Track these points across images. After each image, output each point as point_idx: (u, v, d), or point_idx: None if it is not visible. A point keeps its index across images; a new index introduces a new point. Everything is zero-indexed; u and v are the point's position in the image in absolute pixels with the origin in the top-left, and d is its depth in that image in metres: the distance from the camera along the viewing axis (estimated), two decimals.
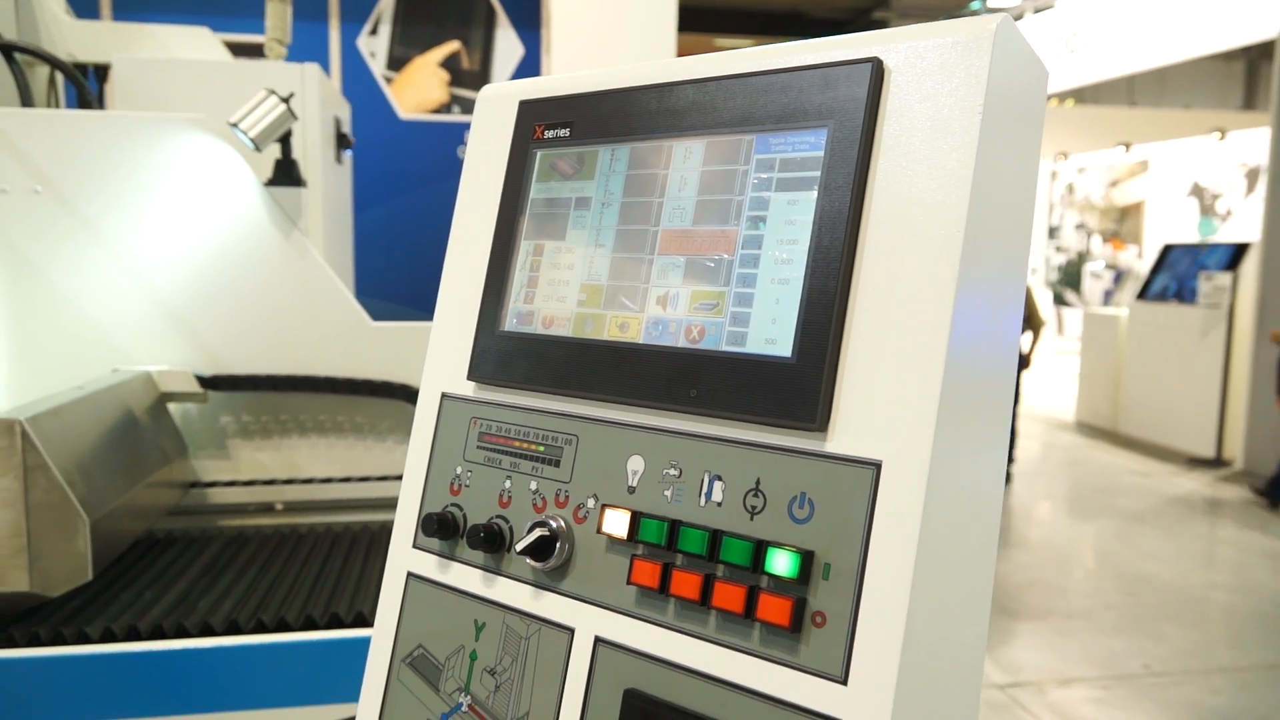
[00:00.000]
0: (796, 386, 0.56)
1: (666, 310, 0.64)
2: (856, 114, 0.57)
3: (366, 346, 1.98)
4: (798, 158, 0.59)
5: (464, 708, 0.69)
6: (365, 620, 1.36)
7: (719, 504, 0.59)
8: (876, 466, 0.53)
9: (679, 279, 0.64)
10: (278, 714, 1.32)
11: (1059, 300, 15.23)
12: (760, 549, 0.56)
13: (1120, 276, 13.72)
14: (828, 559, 0.54)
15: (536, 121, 0.73)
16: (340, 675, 1.30)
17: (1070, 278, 15.25)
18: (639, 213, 0.67)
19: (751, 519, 0.58)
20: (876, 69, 0.57)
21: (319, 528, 1.88)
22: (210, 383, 1.91)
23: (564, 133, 0.71)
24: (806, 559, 0.55)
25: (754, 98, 0.62)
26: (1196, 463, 7.55)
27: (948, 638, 0.56)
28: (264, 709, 1.32)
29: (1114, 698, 3.80)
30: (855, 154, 0.56)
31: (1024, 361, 8.88)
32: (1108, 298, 13.76)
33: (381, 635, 0.76)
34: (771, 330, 0.59)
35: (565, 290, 0.70)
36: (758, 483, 0.58)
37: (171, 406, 1.92)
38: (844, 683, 0.53)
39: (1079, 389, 9.22)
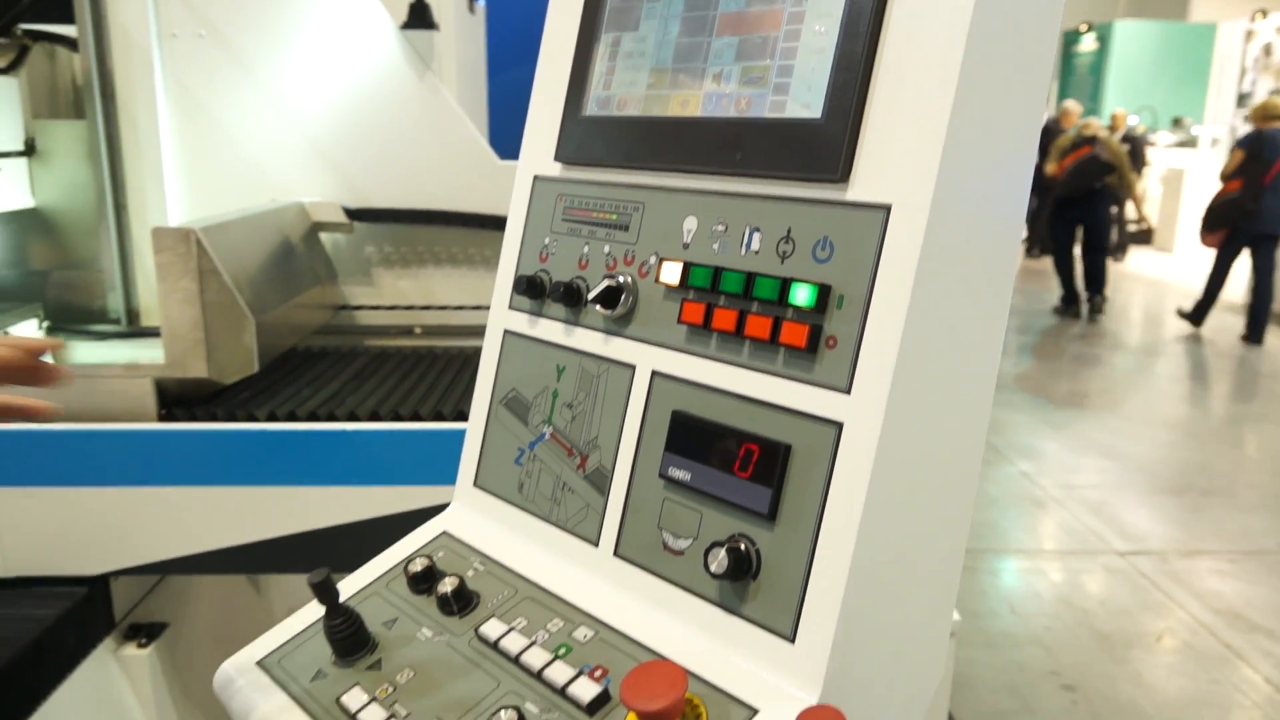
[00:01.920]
0: (824, 144, 0.64)
1: (720, 86, 0.72)
2: None
3: (495, 183, 2.11)
4: None
5: (547, 436, 0.82)
6: None
7: (756, 252, 0.68)
8: (887, 209, 0.61)
9: (732, 57, 0.71)
10: (409, 490, 1.51)
11: None
12: (785, 285, 0.65)
13: None
14: (842, 291, 0.63)
15: None
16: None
17: None
18: (700, 0, 0.74)
19: (782, 262, 0.66)
20: None
21: (452, 350, 2.07)
22: (355, 214, 2.09)
23: None
24: (824, 292, 0.63)
25: None
26: None
27: (943, 368, 0.64)
28: (397, 485, 1.52)
29: (1240, 571, 3.74)
30: None
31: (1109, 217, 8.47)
32: None
33: (483, 384, 0.90)
34: (806, 96, 0.66)
35: (637, 75, 0.78)
36: (788, 231, 0.66)
37: (323, 236, 2.12)
38: (847, 392, 0.62)
39: None
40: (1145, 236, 12.50)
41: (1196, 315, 7.87)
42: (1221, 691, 2.93)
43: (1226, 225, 7.37)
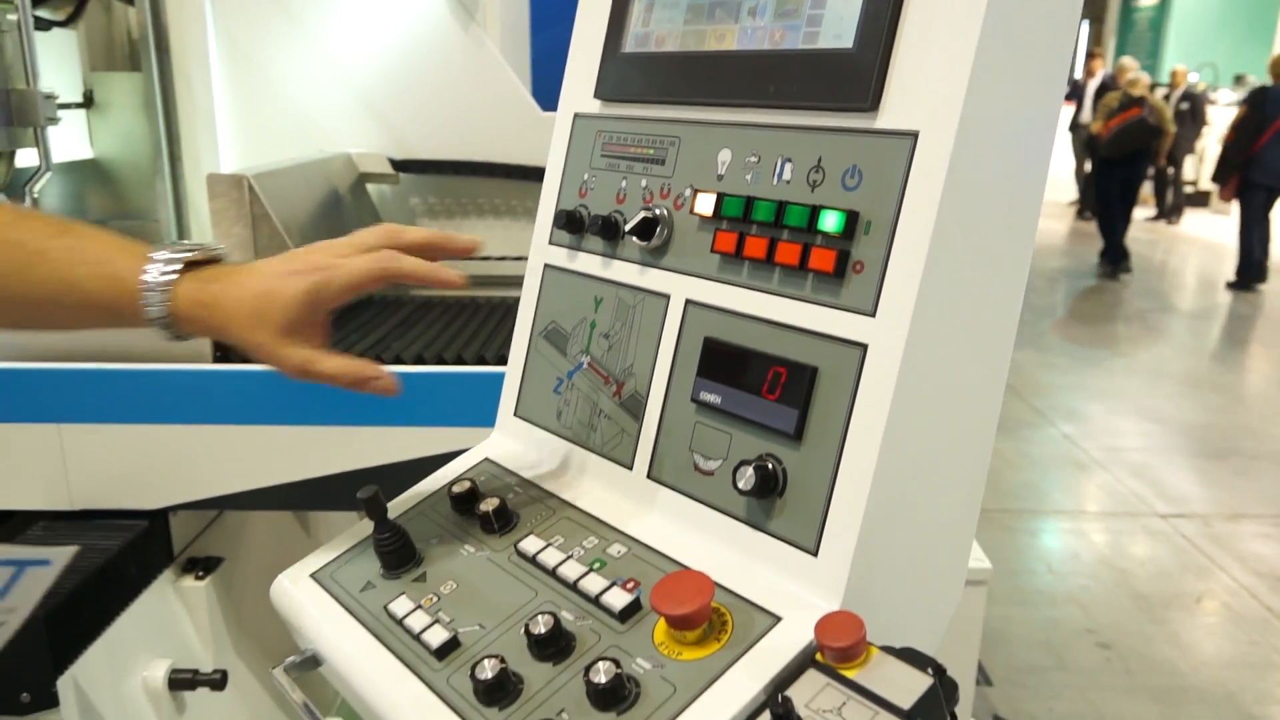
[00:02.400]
0: (855, 74, 0.66)
1: (755, 20, 0.73)
2: None
3: (538, 135, 2.13)
4: None
5: (584, 365, 0.85)
6: None
7: (788, 182, 0.70)
8: (914, 136, 0.63)
9: None
10: (451, 431, 1.56)
11: None
12: (815, 212, 0.67)
13: None
14: (869, 217, 0.65)
15: None
16: None
17: None
18: None
19: (812, 191, 0.68)
20: None
21: (495, 299, 2.11)
22: (400, 165, 2.13)
23: None
24: (851, 218, 0.65)
25: None
26: None
27: (966, 296, 0.66)
28: (441, 426, 1.57)
29: None
30: None
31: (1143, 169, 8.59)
32: None
33: (524, 317, 0.93)
34: (838, 27, 0.67)
35: (675, 12, 0.80)
36: (819, 160, 0.68)
37: (369, 187, 2.16)
38: (873, 315, 0.64)
39: None
40: (1202, 199, 12.19)
41: (1241, 279, 7.98)
42: (1260, 653, 2.92)
43: (1233, 174, 7.88)
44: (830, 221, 0.66)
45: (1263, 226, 7.97)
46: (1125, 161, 8.23)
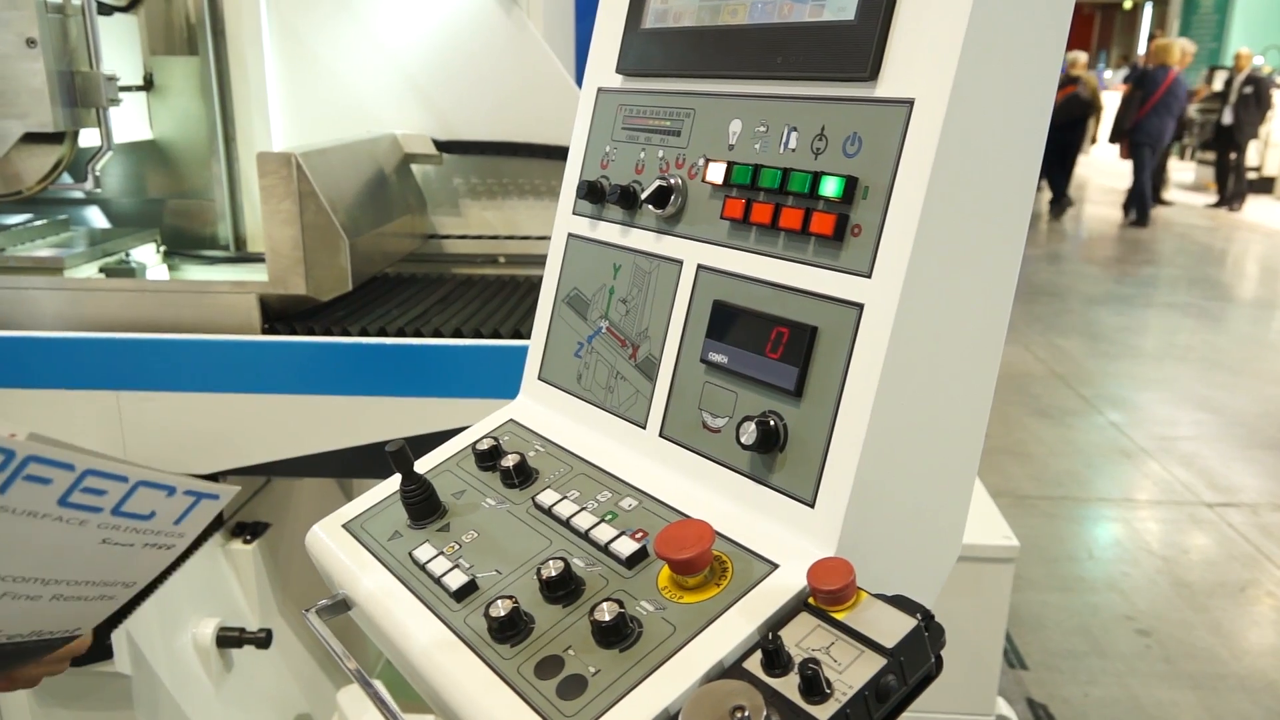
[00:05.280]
0: (855, 44, 0.68)
1: None
2: None
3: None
4: None
5: (603, 330, 0.89)
6: None
7: (793, 150, 0.73)
8: (910, 103, 0.65)
9: None
10: (488, 403, 1.60)
11: None
12: (816, 178, 0.70)
13: None
14: (867, 183, 0.67)
15: None
16: None
17: None
18: None
19: (815, 158, 0.71)
20: None
21: (534, 278, 2.16)
22: (444, 146, 2.18)
23: None
24: (850, 183, 0.68)
25: None
26: None
27: (960, 259, 0.68)
28: (478, 398, 1.62)
29: None
30: None
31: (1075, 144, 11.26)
32: None
33: (548, 285, 0.97)
34: (842, 0, 0.70)
35: None
36: (822, 129, 0.71)
37: (414, 167, 2.22)
38: (869, 276, 0.67)
39: None
40: (1266, 185, 11.84)
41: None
42: None
43: (1120, 138, 10.97)
44: (830, 187, 0.69)
45: None
46: (1063, 128, 10.43)
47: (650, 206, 0.83)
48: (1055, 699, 2.57)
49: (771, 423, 0.71)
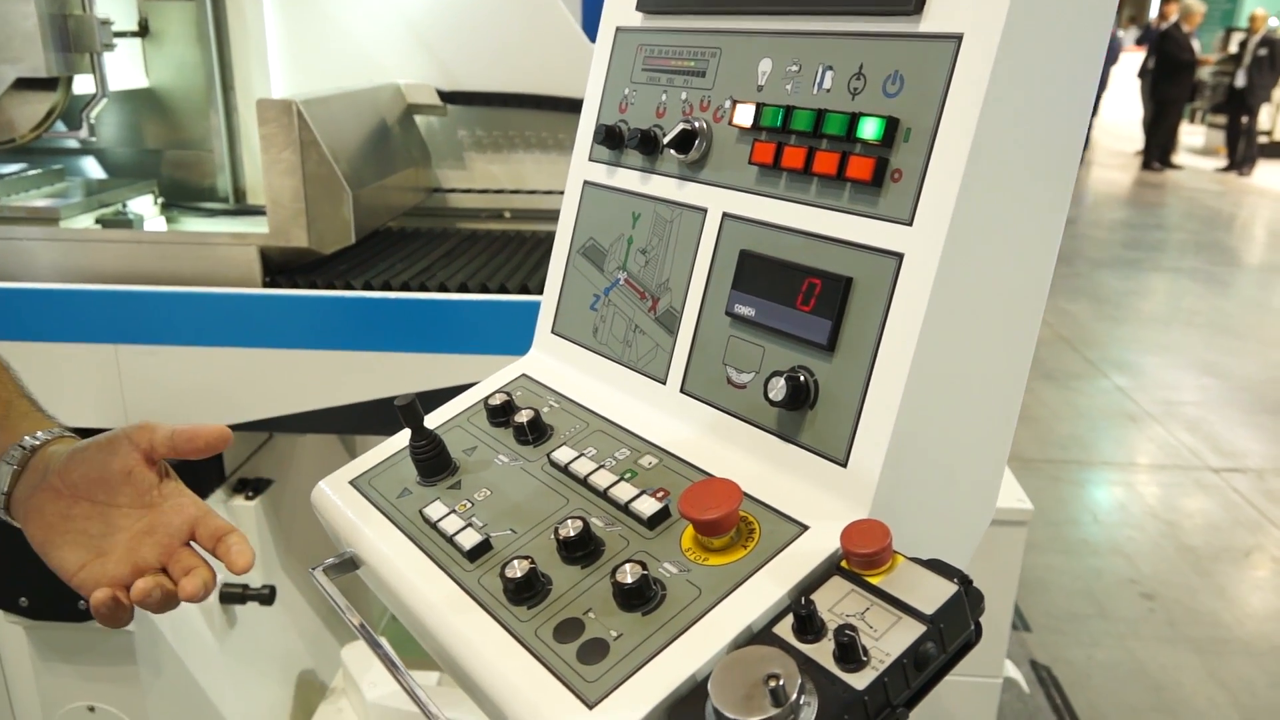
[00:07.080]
0: None
1: None
2: None
3: (585, 68, 2.11)
4: None
5: (621, 281, 0.86)
6: None
7: (828, 90, 0.69)
8: (958, 38, 0.61)
9: None
10: (494, 359, 1.57)
11: None
12: (854, 120, 0.66)
13: None
14: (910, 124, 0.63)
15: None
16: None
17: None
18: None
19: (853, 99, 0.67)
20: None
21: (540, 233, 2.11)
22: (448, 97, 2.13)
23: None
24: (891, 125, 0.64)
25: None
26: None
27: (1005, 208, 0.64)
28: (483, 354, 1.58)
29: None
30: None
31: None
32: None
33: (562, 235, 0.93)
34: None
35: None
36: (860, 67, 0.67)
37: (417, 119, 2.16)
38: (910, 224, 0.63)
39: None
40: (1277, 150, 11.73)
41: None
42: None
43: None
44: (870, 129, 0.65)
45: None
46: None
47: (673, 151, 0.79)
48: (1059, 661, 2.57)
49: (802, 378, 0.68)
